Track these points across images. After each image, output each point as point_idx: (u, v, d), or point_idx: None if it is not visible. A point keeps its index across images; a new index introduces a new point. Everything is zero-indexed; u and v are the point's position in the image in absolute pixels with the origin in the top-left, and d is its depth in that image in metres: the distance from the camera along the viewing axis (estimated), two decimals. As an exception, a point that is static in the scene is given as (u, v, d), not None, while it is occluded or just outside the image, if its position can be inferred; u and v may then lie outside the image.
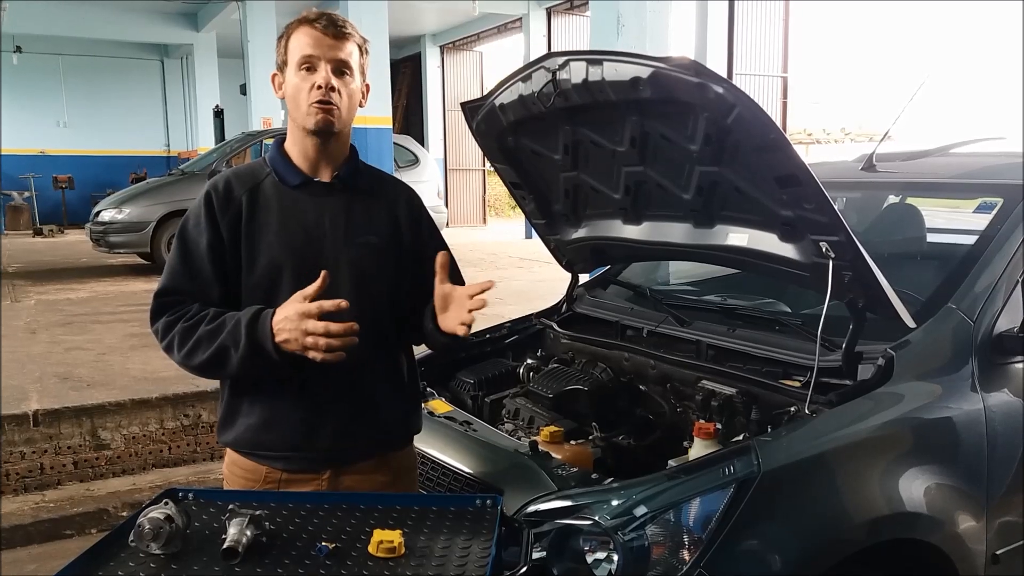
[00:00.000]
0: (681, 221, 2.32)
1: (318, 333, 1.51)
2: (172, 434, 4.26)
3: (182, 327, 1.63)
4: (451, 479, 2.06)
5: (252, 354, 1.56)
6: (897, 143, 3.02)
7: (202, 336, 1.61)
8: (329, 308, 1.52)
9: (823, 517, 1.77)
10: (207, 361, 1.61)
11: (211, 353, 1.60)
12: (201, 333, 1.61)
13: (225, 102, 14.42)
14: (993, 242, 2.20)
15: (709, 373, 2.28)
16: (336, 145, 1.72)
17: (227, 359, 1.59)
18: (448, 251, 1.84)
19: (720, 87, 1.80)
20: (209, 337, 1.60)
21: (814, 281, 2.01)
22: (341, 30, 1.65)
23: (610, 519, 1.68)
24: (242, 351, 1.57)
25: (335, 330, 1.52)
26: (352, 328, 1.54)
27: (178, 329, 1.63)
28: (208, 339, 1.60)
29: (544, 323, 2.93)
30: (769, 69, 10.13)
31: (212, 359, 1.60)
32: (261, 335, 1.55)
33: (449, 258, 1.68)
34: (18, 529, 3.53)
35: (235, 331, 1.58)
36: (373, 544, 1.34)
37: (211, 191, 1.70)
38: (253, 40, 12.07)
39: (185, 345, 1.62)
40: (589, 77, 2.04)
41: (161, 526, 1.30)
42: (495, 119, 2.42)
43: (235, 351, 1.58)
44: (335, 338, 1.52)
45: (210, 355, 1.60)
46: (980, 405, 2.00)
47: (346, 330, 1.53)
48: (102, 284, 8.58)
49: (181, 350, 1.63)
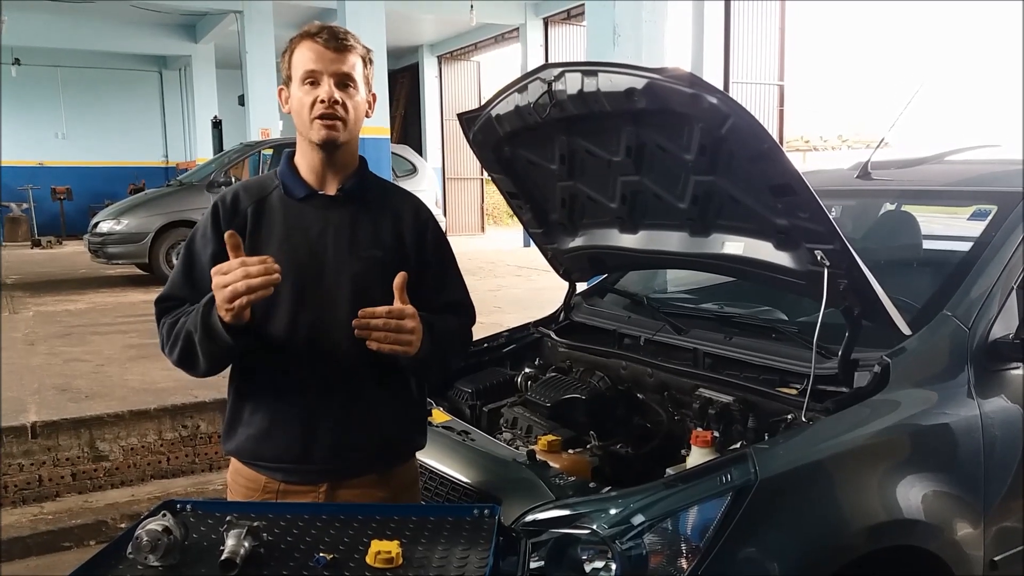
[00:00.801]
0: (677, 230, 2.33)
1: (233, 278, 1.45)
2: (170, 445, 4.25)
3: (168, 323, 1.65)
4: (449, 489, 2.06)
5: (207, 337, 1.54)
6: (894, 150, 3.03)
7: (179, 329, 1.61)
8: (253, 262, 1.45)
9: (821, 525, 1.78)
10: (181, 352, 1.61)
11: (182, 343, 1.59)
12: (177, 328, 1.62)
13: (223, 113, 14.44)
14: (988, 249, 2.21)
15: (706, 381, 2.29)
16: (343, 157, 1.72)
17: (192, 346, 1.58)
18: (454, 264, 1.85)
19: (714, 97, 1.81)
20: (180, 327, 1.61)
21: (810, 289, 2.02)
22: (343, 43, 1.65)
23: (608, 528, 1.69)
24: (199, 334, 1.55)
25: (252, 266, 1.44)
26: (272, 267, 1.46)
27: (166, 325, 1.65)
28: (181, 330, 1.60)
29: (542, 332, 2.94)
30: (766, 77, 10.18)
31: (183, 350, 1.60)
32: (212, 314, 1.52)
33: (405, 280, 1.60)
34: (17, 541, 3.52)
35: (194, 316, 1.57)
36: (371, 555, 1.34)
37: (219, 203, 1.72)
38: (251, 51, 12.12)
39: (168, 340, 1.64)
40: (584, 88, 2.05)
41: (159, 538, 1.30)
42: (492, 130, 2.43)
43: (195, 334, 1.56)
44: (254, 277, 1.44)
45: (181, 346, 1.60)
46: (976, 411, 2.01)
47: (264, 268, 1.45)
48: (100, 295, 8.59)
49: (166, 346, 1.65)
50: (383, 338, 1.55)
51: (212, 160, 10.73)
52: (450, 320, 1.78)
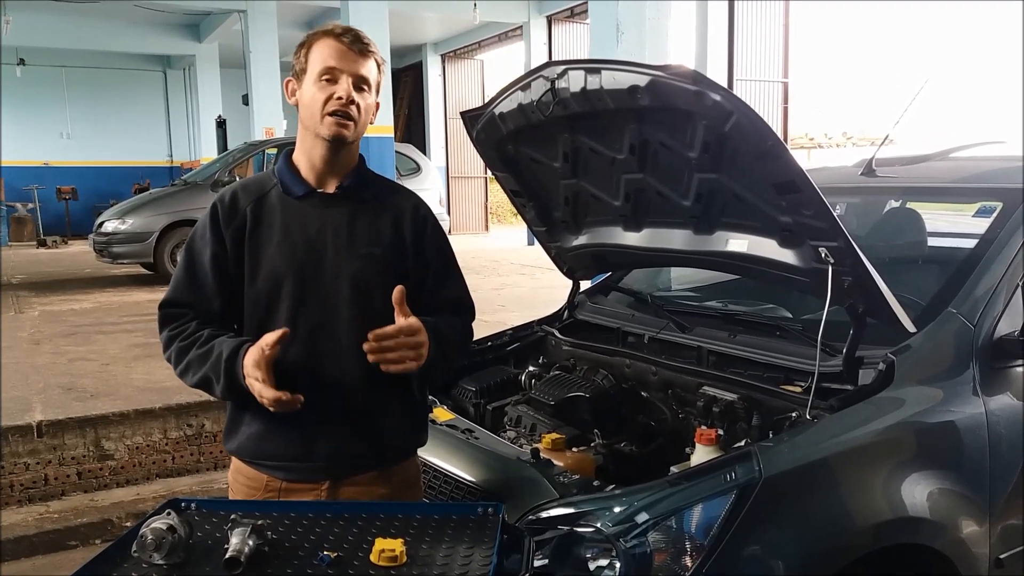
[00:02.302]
0: (681, 228, 2.32)
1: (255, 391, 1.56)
2: (175, 444, 4.26)
3: (178, 346, 1.69)
4: (453, 487, 2.06)
5: (230, 389, 1.63)
6: (898, 147, 3.02)
7: (192, 360, 1.67)
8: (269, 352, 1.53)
9: (825, 523, 1.77)
10: (196, 384, 1.68)
11: (199, 379, 1.67)
12: (192, 357, 1.67)
13: (227, 112, 14.46)
14: (993, 246, 2.20)
15: (710, 379, 2.28)
16: (345, 156, 1.72)
17: (212, 387, 1.66)
18: (454, 261, 1.85)
19: (717, 95, 1.81)
20: (198, 362, 1.66)
21: (814, 286, 2.01)
22: (366, 47, 1.67)
23: (612, 526, 1.69)
24: (222, 385, 1.63)
25: (267, 398, 1.54)
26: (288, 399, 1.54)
27: (174, 348, 1.70)
28: (197, 364, 1.66)
29: (546, 330, 2.94)
30: (770, 75, 10.14)
31: (200, 384, 1.68)
32: (236, 373, 1.60)
33: (404, 293, 1.59)
34: (22, 540, 3.54)
35: (216, 365, 1.63)
36: (375, 553, 1.34)
37: (218, 203, 1.72)
38: (255, 51, 12.13)
39: (179, 365, 1.70)
40: (588, 86, 2.05)
41: (164, 536, 1.30)
42: (495, 128, 2.43)
43: (216, 383, 1.64)
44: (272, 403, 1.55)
45: (198, 380, 1.67)
46: (982, 409, 2.00)
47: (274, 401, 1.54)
48: (105, 294, 8.60)
49: (177, 367, 1.71)
50: (397, 358, 1.56)
51: (216, 159, 10.74)
52: (452, 320, 1.78)
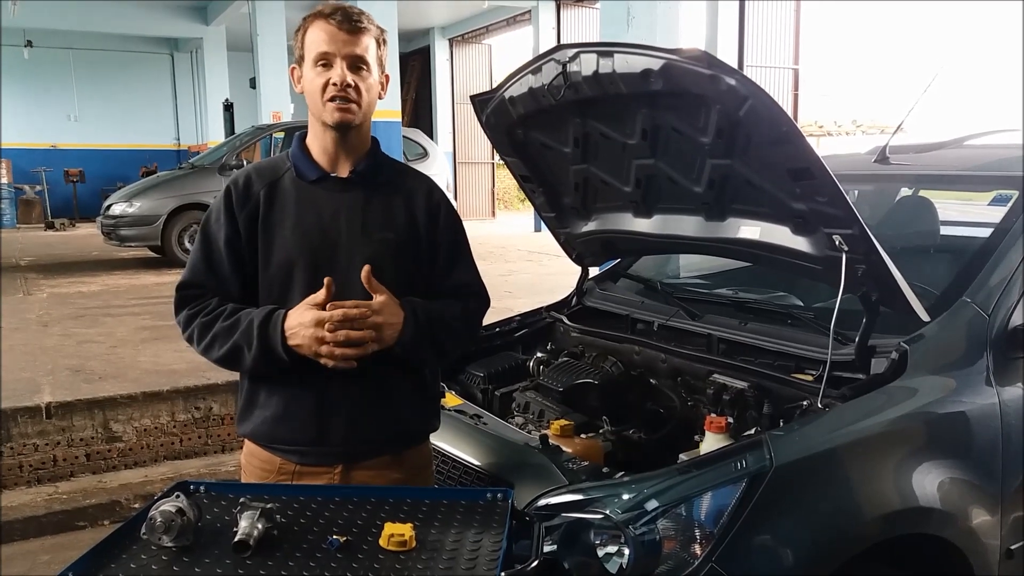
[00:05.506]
0: (692, 214, 2.30)
1: (337, 342, 1.54)
2: (183, 427, 4.28)
3: (200, 322, 1.67)
4: (462, 473, 2.06)
5: (263, 355, 1.60)
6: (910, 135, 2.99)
7: (218, 333, 1.65)
8: (354, 315, 1.55)
9: (836, 512, 1.76)
10: (223, 357, 1.66)
11: (226, 350, 1.64)
12: (217, 329, 1.65)
13: (235, 96, 14.44)
14: (1008, 235, 2.17)
15: (720, 367, 2.27)
16: (356, 139, 1.71)
17: (241, 357, 1.63)
18: (466, 246, 1.84)
19: (732, 79, 1.78)
20: (225, 334, 1.64)
21: (827, 274, 1.99)
22: (356, 24, 1.63)
23: (621, 513, 1.68)
24: (254, 352, 1.61)
25: (355, 337, 1.55)
26: (371, 336, 1.56)
27: (197, 324, 1.67)
28: (224, 336, 1.64)
29: (554, 316, 2.93)
30: (780, 61, 10.06)
31: (228, 356, 1.65)
32: (272, 338, 1.59)
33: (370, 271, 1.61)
34: (31, 520, 3.56)
35: (248, 331, 1.61)
36: (384, 537, 1.34)
37: (231, 186, 1.71)
38: (262, 34, 12.08)
39: (203, 340, 1.67)
40: (600, 69, 2.03)
41: (173, 519, 1.30)
42: (505, 112, 2.41)
43: (248, 351, 1.62)
44: (352, 347, 1.55)
45: (225, 352, 1.64)
46: (995, 399, 1.98)
47: (364, 338, 1.55)
48: (113, 277, 8.63)
49: (200, 344, 1.68)
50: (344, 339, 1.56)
51: (224, 143, 10.73)
52: (451, 304, 1.76)
